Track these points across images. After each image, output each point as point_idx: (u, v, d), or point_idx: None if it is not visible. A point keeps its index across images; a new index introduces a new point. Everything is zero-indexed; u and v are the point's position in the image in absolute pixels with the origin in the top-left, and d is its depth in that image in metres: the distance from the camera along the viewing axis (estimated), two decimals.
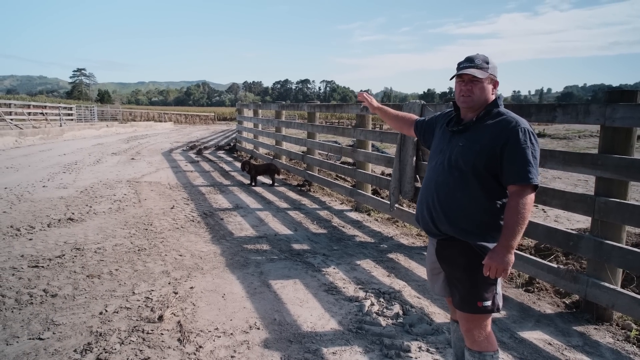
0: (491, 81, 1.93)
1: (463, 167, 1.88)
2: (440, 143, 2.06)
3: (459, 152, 1.91)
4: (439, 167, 1.99)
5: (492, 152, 1.82)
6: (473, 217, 1.88)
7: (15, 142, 15.18)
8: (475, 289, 1.89)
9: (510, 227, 1.75)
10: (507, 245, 1.75)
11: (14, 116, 21.20)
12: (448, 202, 1.92)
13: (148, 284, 3.49)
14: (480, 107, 1.93)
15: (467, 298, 1.91)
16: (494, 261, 1.76)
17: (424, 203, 2.04)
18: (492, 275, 1.79)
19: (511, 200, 1.79)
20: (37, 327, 2.77)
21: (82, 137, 19.84)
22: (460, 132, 1.96)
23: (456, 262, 1.95)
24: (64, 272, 3.67)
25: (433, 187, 1.98)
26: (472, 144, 1.88)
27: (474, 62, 1.91)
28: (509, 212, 1.78)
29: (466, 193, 1.88)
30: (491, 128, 1.86)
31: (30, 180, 7.99)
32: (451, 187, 1.91)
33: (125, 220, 5.34)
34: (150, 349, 2.57)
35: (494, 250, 1.79)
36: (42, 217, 5.39)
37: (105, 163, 10.73)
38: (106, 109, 40.29)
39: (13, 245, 4.32)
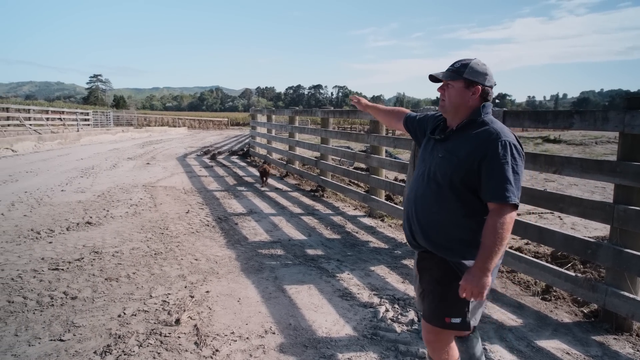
0: (469, 86, 1.78)
1: (440, 181, 1.78)
2: (424, 151, 1.96)
3: (438, 164, 1.81)
4: (419, 178, 1.90)
5: (469, 167, 1.71)
6: (450, 233, 1.79)
7: (35, 146, 15.50)
8: (445, 303, 1.81)
9: (486, 248, 1.63)
10: (483, 267, 1.63)
11: (33, 121, 21.68)
12: (425, 216, 1.84)
13: (165, 287, 3.54)
14: (460, 114, 1.81)
15: (436, 312, 1.84)
16: (469, 283, 1.66)
17: (405, 214, 1.99)
18: (467, 298, 1.69)
19: (489, 219, 1.66)
20: (58, 328, 2.83)
21: (99, 142, 20.17)
22: (442, 141, 1.85)
23: (430, 274, 1.88)
24: (83, 275, 3.74)
25: (412, 199, 1.91)
26: (450, 155, 1.77)
27: (452, 66, 1.83)
28: (485, 232, 1.65)
29: (443, 208, 1.79)
30: (471, 140, 1.74)
31: (49, 184, 8.15)
32: (428, 200, 1.83)
33: (141, 225, 5.42)
34: (167, 352, 2.60)
35: (470, 272, 1.68)
36: (61, 220, 5.50)
37: (122, 168, 10.89)
38: (122, 114, 40.92)
39: (34, 248, 4.41)
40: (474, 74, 1.78)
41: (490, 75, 1.82)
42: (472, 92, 1.78)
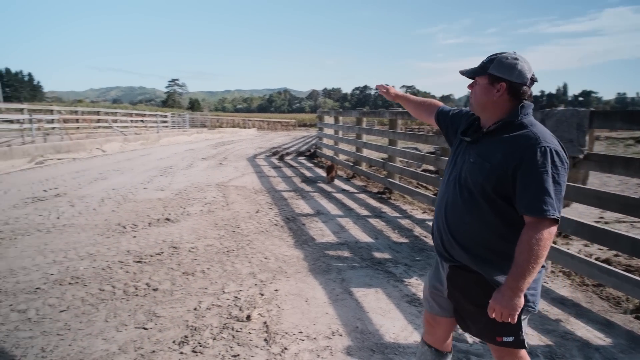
0: (493, 83, 1.61)
1: (472, 188, 1.63)
2: (455, 153, 1.80)
3: (469, 170, 1.65)
4: (450, 184, 1.75)
5: (503, 174, 1.54)
6: (486, 244, 1.63)
7: (120, 147, 16.82)
8: (492, 324, 1.63)
9: (519, 266, 1.47)
10: (515, 287, 1.48)
11: (119, 124, 23.57)
12: (457, 226, 1.68)
13: (236, 284, 3.68)
14: (490, 114, 1.65)
15: (485, 332, 1.72)
16: (498, 304, 1.52)
17: (435, 223, 1.82)
18: (497, 319, 1.55)
19: (524, 233, 1.49)
20: (141, 317, 3.04)
21: (176, 142, 21.44)
22: (473, 143, 1.69)
23: (470, 295, 1.71)
24: (163, 268, 4.00)
25: (444, 207, 1.75)
26: (482, 161, 1.61)
27: (481, 62, 1.67)
28: (519, 248, 1.49)
29: (476, 217, 1.63)
30: (506, 144, 1.56)
31: (133, 182, 8.80)
32: (461, 209, 1.67)
33: (215, 222, 5.68)
34: (239, 346, 2.70)
35: (500, 292, 1.53)
36: (144, 216, 5.92)
37: (197, 167, 11.50)
38: (196, 116, 43.27)
39: (120, 241, 4.79)
40: (500, 69, 1.60)
41: (523, 70, 1.59)
42: (497, 89, 1.61)
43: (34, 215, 5.81)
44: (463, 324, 1.82)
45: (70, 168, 10.89)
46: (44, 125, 16.14)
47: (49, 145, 13.42)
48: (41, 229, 5.18)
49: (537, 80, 1.64)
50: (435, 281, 1.88)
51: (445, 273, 1.81)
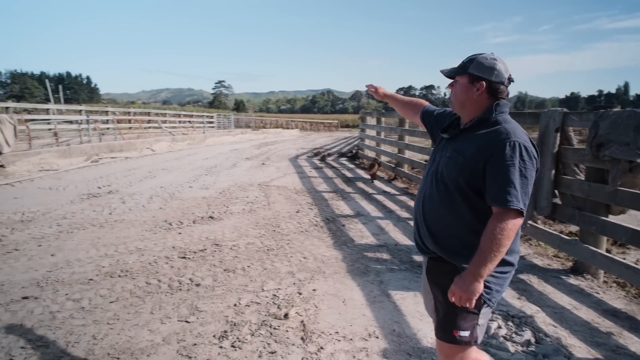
0: (472, 82, 1.67)
1: (447, 182, 1.70)
2: (436, 150, 1.88)
3: (445, 164, 1.72)
4: (428, 178, 1.82)
5: (475, 168, 1.61)
6: (459, 237, 1.70)
7: (169, 147, 17.50)
8: (453, 315, 1.70)
9: (481, 253, 1.54)
10: (475, 273, 1.55)
11: (167, 124, 24.52)
12: (433, 219, 1.76)
13: (275, 282, 3.75)
14: (468, 112, 1.72)
15: (444, 324, 1.75)
16: (458, 287, 1.59)
17: (414, 216, 1.91)
18: (457, 303, 1.62)
19: (489, 223, 1.56)
20: (184, 311, 3.16)
21: (221, 143, 22.03)
22: (451, 140, 1.77)
23: (440, 284, 1.77)
24: (205, 264, 4.13)
25: (421, 201, 1.83)
26: (457, 155, 1.68)
27: (461, 62, 1.73)
28: (484, 236, 1.56)
29: (450, 210, 1.69)
30: (479, 140, 1.65)
31: (179, 181, 9.14)
32: (436, 202, 1.74)
33: (256, 221, 5.80)
34: (276, 343, 2.75)
35: (461, 276, 1.60)
36: (189, 214, 6.13)
37: (240, 167, 11.77)
38: (241, 117, 44.28)
39: (166, 237, 4.99)
40: (480, 69, 1.67)
41: (501, 70, 1.67)
42: (477, 87, 1.67)
43: (89, 211, 6.16)
44: (434, 319, 1.86)
45: (122, 166, 11.46)
46: (99, 126, 17.06)
47: (103, 144, 14.17)
48: (95, 223, 5.49)
49: (513, 80, 1.72)
50: (423, 281, 1.96)
51: (425, 267, 1.89)
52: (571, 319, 3.17)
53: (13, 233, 5.02)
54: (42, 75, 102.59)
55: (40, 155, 11.04)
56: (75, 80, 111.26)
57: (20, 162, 10.23)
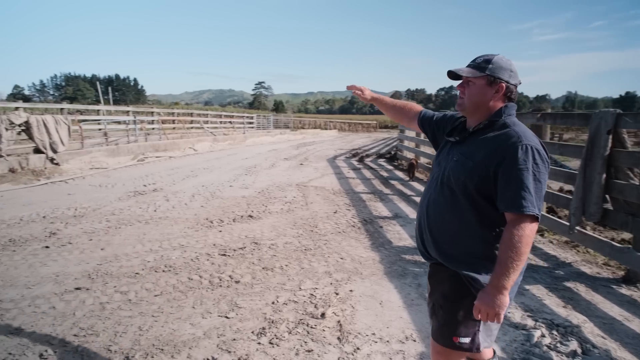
0: (491, 84, 1.62)
1: (453, 186, 1.64)
2: (441, 154, 1.82)
3: (452, 168, 1.66)
4: (433, 183, 1.77)
5: (485, 172, 1.55)
6: (463, 244, 1.64)
7: (210, 146, 17.98)
8: (454, 321, 1.67)
9: (503, 264, 1.48)
10: (499, 286, 1.49)
11: (209, 125, 25.18)
12: (437, 225, 1.71)
13: (312, 281, 3.78)
14: (480, 114, 1.66)
15: (443, 330, 1.72)
16: (484, 304, 1.52)
17: (417, 221, 1.86)
18: (483, 320, 1.56)
19: (506, 231, 1.50)
20: (224, 307, 3.25)
21: (260, 143, 22.41)
22: (458, 143, 1.72)
23: (441, 288, 1.75)
24: (244, 262, 4.22)
25: (425, 206, 1.78)
26: (465, 159, 1.62)
27: (474, 62, 1.66)
28: (502, 246, 1.50)
29: (456, 216, 1.64)
30: (489, 143, 1.59)
31: (220, 180, 9.37)
32: (441, 207, 1.69)
33: (294, 221, 5.87)
34: (313, 342, 2.78)
35: (485, 291, 1.54)
36: (229, 212, 6.28)
37: (279, 167, 11.93)
38: (280, 118, 44.82)
39: (208, 235, 5.14)
40: (498, 70, 1.61)
41: (515, 72, 1.65)
42: (496, 89, 1.63)
43: (135, 208, 6.43)
44: (432, 323, 1.84)
45: (166, 165, 11.88)
46: (145, 126, 17.74)
47: (149, 144, 14.74)
48: (141, 220, 5.72)
49: (521, 82, 1.70)
50: (428, 287, 1.93)
51: (427, 273, 1.89)
52: (622, 331, 3.02)
53: (67, 227, 5.32)
54: (94, 78, 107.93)
55: (91, 154, 11.62)
56: (123, 82, 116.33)
57: (73, 161, 10.81)
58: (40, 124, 9.94)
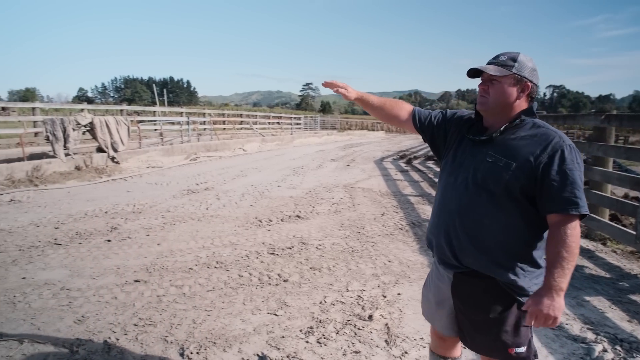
0: (517, 83, 1.58)
1: (493, 188, 1.56)
2: (460, 155, 1.71)
3: (488, 170, 1.58)
4: (461, 186, 1.65)
5: (531, 173, 1.50)
6: (506, 248, 1.56)
7: (259, 147, 18.36)
8: (506, 334, 1.59)
9: (559, 265, 1.43)
10: (557, 288, 1.42)
11: (258, 125, 25.74)
12: (475, 231, 1.60)
13: (360, 283, 3.78)
14: (506, 114, 1.62)
15: (497, 345, 1.62)
16: (542, 308, 1.43)
17: (441, 228, 1.71)
18: (537, 326, 1.47)
19: (558, 231, 1.46)
20: (273, 304, 3.32)
21: (307, 144, 22.61)
22: (485, 143, 1.64)
23: (480, 304, 1.64)
24: (292, 261, 4.29)
25: (455, 210, 1.65)
26: (504, 160, 1.55)
27: (497, 59, 1.61)
28: (555, 247, 1.45)
29: (497, 220, 1.56)
30: (528, 142, 1.54)
31: (268, 180, 9.56)
32: (479, 211, 1.59)
33: (341, 222, 5.88)
34: (360, 343, 2.78)
35: (540, 295, 1.45)
36: (277, 212, 6.40)
37: (326, 168, 11.99)
38: (327, 119, 45.00)
39: (257, 233, 5.26)
40: (524, 69, 1.59)
41: (537, 71, 1.64)
42: (521, 89, 1.60)
43: (189, 205, 6.70)
44: (464, 336, 1.76)
45: (217, 165, 12.26)
46: (197, 127, 18.41)
47: (201, 144, 15.26)
48: (194, 217, 5.95)
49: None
50: (436, 294, 1.84)
51: (448, 283, 1.75)
52: None
53: (126, 222, 5.62)
54: (150, 80, 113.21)
55: (148, 153, 12.21)
56: (177, 84, 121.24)
57: (132, 159, 11.40)
58: (103, 125, 10.56)
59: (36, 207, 6.52)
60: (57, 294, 3.46)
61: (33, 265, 4.07)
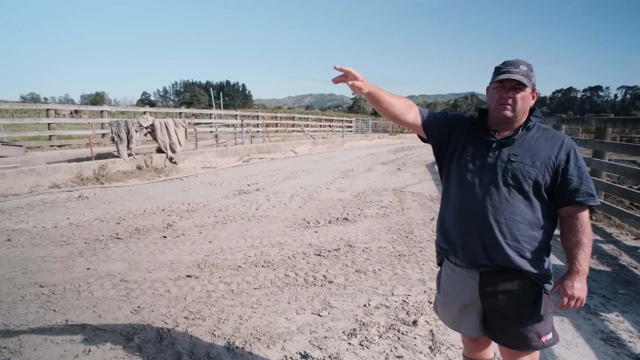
0: (533, 90, 1.74)
1: (523, 186, 1.67)
2: (477, 156, 1.77)
3: (516, 169, 1.68)
4: (488, 186, 1.70)
5: (553, 170, 1.67)
6: (533, 242, 1.68)
7: (310, 149, 18.57)
8: (540, 323, 1.72)
9: (583, 251, 1.62)
10: (585, 271, 1.62)
11: (309, 128, 26.02)
12: (509, 228, 1.67)
13: (405, 288, 3.73)
14: (522, 118, 1.75)
15: (531, 336, 1.72)
16: (574, 292, 1.60)
17: (469, 229, 1.73)
18: (566, 308, 1.63)
19: (577, 221, 1.65)
20: (317, 305, 3.36)
21: (358, 147, 22.57)
22: (504, 145, 1.73)
23: (512, 298, 1.72)
24: (338, 263, 4.30)
25: (486, 210, 1.70)
26: (529, 159, 1.68)
27: (518, 68, 1.70)
28: (578, 235, 1.64)
29: (526, 215, 1.68)
30: (545, 142, 1.71)
31: (318, 182, 9.64)
32: (511, 209, 1.68)
33: (389, 226, 5.83)
34: (403, 348, 2.75)
35: (570, 279, 1.62)
36: (325, 214, 6.44)
37: (376, 171, 11.91)
38: (378, 122, 44.62)
39: (304, 234, 5.33)
40: (535, 78, 1.75)
41: None
42: (533, 96, 1.76)
43: (240, 205, 6.90)
44: (495, 333, 1.81)
45: (268, 166, 12.54)
46: (251, 129, 18.91)
47: (253, 146, 15.67)
48: (244, 217, 6.13)
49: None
50: (462, 299, 1.85)
51: (473, 283, 1.78)
52: None
53: (181, 220, 5.89)
54: (207, 84, 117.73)
55: (203, 154, 12.71)
56: (233, 87, 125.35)
57: (188, 160, 11.92)
58: (162, 127, 11.13)
59: (101, 203, 6.99)
60: (116, 285, 3.69)
61: (96, 257, 4.37)
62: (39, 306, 3.28)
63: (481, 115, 1.86)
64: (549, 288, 1.72)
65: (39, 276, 3.87)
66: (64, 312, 3.18)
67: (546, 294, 1.72)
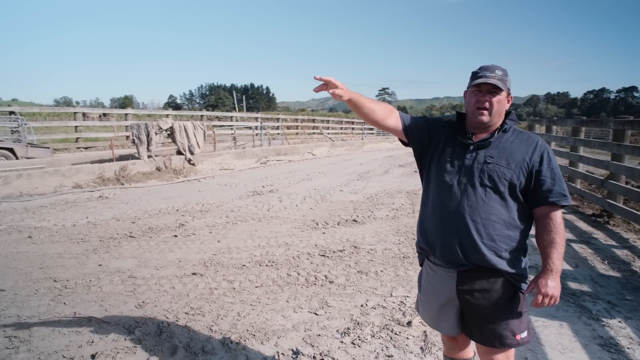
0: (508, 94, 1.80)
1: (499, 187, 1.72)
2: (456, 158, 1.81)
3: (492, 170, 1.73)
4: (466, 187, 1.75)
5: (527, 171, 1.73)
6: (509, 242, 1.73)
7: (328, 152, 18.65)
8: (515, 321, 1.77)
9: (557, 250, 1.67)
10: (558, 270, 1.67)
11: (329, 130, 26.10)
12: (485, 228, 1.72)
13: (405, 289, 3.75)
14: (497, 121, 1.80)
15: (506, 334, 1.77)
16: (549, 290, 1.65)
17: (447, 229, 1.78)
18: (541, 306, 1.67)
19: (550, 221, 1.70)
20: (315, 304, 3.42)
21: (377, 149, 22.53)
22: (481, 147, 1.78)
23: (488, 296, 1.76)
24: (341, 264, 4.35)
25: (463, 210, 1.74)
26: (505, 160, 1.74)
27: (494, 72, 1.75)
28: (551, 234, 1.69)
29: (502, 216, 1.72)
30: (522, 144, 1.77)
31: (332, 184, 9.70)
32: (487, 209, 1.72)
33: (397, 228, 5.84)
34: (395, 348, 2.78)
35: (545, 278, 1.67)
36: (335, 216, 6.50)
37: (392, 174, 11.89)
38: None
39: (311, 235, 5.40)
40: (509, 82, 1.80)
41: None
42: (508, 100, 1.82)
43: (252, 206, 7.03)
44: (471, 331, 1.85)
45: (284, 168, 12.67)
46: (269, 131, 19.13)
47: (271, 148, 15.86)
48: (255, 218, 6.24)
49: None
50: (439, 298, 1.89)
51: (451, 282, 1.82)
52: None
53: (194, 220, 6.05)
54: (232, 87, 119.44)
55: (221, 156, 12.94)
56: (257, 90, 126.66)
57: (206, 162, 12.17)
58: (181, 129, 11.40)
59: (119, 203, 7.23)
60: (125, 280, 3.84)
61: (109, 254, 4.55)
62: (51, 299, 3.45)
63: (459, 119, 1.92)
64: (525, 287, 1.76)
65: (53, 271, 4.06)
66: (73, 305, 3.34)
67: (521, 293, 1.77)
